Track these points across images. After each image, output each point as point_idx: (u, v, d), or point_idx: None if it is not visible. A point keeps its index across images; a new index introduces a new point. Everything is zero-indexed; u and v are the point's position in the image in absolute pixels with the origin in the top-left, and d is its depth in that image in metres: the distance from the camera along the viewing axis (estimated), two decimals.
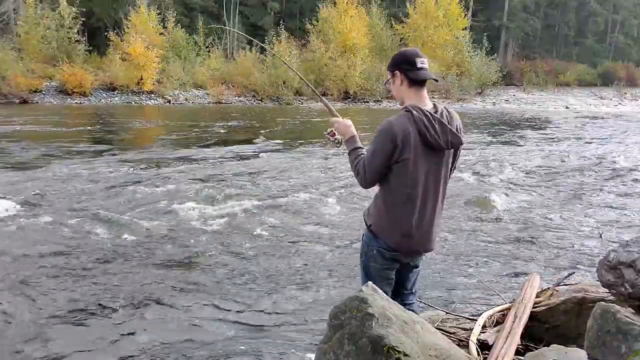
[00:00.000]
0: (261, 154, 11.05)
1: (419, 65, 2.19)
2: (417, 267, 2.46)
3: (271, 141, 13.13)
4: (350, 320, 1.67)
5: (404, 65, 2.21)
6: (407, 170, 2.18)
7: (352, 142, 2.39)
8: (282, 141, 13.26)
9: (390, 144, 2.15)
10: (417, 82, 2.20)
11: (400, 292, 2.43)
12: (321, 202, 6.95)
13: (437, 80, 2.39)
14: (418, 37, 34.24)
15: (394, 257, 2.30)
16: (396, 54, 2.30)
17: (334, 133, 2.46)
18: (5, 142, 11.37)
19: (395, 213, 2.25)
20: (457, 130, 2.22)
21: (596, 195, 7.71)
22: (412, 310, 2.21)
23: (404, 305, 2.02)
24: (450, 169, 2.35)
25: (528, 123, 20.35)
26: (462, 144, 2.26)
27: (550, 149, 12.84)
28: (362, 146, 2.37)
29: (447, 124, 2.18)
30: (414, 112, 2.14)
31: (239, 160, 10.27)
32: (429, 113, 2.16)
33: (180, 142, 12.55)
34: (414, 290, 2.50)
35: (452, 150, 2.27)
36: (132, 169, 8.95)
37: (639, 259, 1.77)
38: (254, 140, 13.14)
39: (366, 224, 2.39)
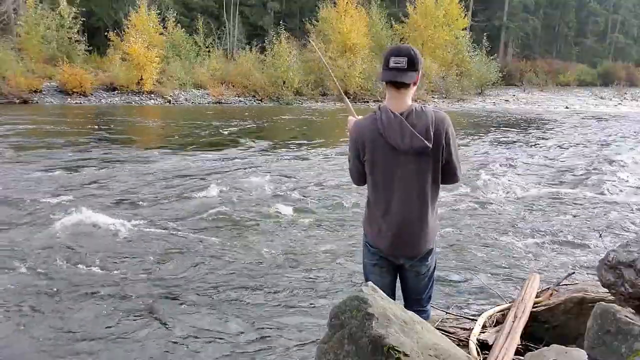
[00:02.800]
0: (261, 154, 11.05)
1: (391, 65, 2.08)
2: (419, 273, 2.33)
3: (271, 141, 13.12)
4: (350, 320, 1.67)
5: (383, 64, 2.16)
6: (369, 170, 2.21)
7: None
8: (281, 141, 13.26)
9: (354, 144, 2.21)
10: (386, 82, 2.13)
11: (409, 298, 2.44)
12: (321, 201, 6.96)
13: (404, 84, 2.11)
14: (418, 37, 34.21)
15: (377, 253, 2.30)
16: None
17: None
18: (5, 142, 11.35)
19: (369, 212, 2.31)
20: (427, 133, 2.06)
21: (596, 195, 7.70)
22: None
23: (416, 312, 1.99)
24: (441, 170, 2.17)
25: (528, 123, 20.34)
26: (426, 148, 2.06)
27: (550, 149, 12.83)
28: None
29: (409, 126, 2.06)
30: (378, 112, 2.14)
31: (239, 160, 10.26)
32: (392, 114, 2.09)
33: (180, 142, 12.53)
34: (423, 297, 2.44)
35: (428, 152, 2.09)
36: (129, 169, 8.95)
37: (639, 259, 1.77)
38: (254, 140, 13.11)
39: None
